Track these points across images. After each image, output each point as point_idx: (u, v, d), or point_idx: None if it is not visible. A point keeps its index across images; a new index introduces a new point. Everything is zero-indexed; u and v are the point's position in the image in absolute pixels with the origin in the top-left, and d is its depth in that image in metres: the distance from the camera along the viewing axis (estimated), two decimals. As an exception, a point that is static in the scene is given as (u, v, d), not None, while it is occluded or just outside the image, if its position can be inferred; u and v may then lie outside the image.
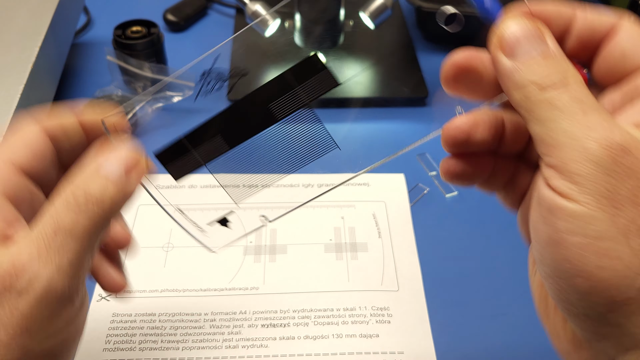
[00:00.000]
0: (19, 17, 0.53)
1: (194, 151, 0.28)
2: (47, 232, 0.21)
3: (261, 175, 0.29)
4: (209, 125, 0.28)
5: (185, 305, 0.41)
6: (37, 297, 0.20)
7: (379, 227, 0.47)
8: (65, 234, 0.21)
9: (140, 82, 0.58)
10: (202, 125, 0.28)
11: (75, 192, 0.22)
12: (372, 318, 0.41)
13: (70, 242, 0.21)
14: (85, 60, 0.66)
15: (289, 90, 0.27)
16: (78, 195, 0.22)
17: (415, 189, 0.48)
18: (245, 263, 0.44)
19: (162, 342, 0.39)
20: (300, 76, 0.26)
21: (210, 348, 0.39)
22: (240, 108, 0.28)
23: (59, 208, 0.22)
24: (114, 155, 0.23)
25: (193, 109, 0.29)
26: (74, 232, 0.21)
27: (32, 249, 0.21)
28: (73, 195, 0.22)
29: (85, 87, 0.62)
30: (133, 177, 0.24)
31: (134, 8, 0.76)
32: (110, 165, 0.23)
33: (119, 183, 0.23)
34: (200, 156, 0.28)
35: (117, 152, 0.24)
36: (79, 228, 0.21)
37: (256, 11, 0.59)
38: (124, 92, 0.58)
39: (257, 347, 0.39)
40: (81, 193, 0.22)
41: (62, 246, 0.21)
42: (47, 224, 0.21)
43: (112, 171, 0.23)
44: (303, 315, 0.41)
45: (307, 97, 0.27)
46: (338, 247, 0.46)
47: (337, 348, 0.39)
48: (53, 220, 0.21)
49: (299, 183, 0.44)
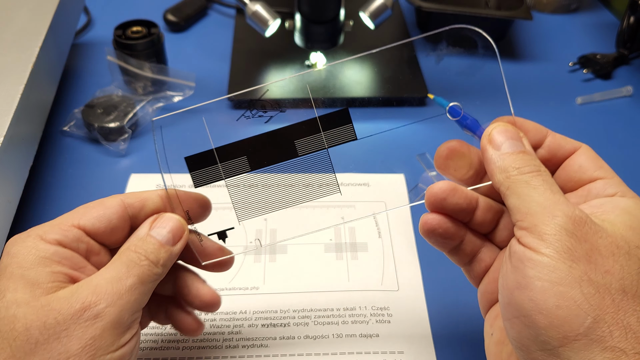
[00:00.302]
0: (19, 17, 0.53)
1: (219, 164, 0.33)
2: (120, 275, 0.28)
3: (268, 201, 0.34)
4: (239, 145, 0.32)
5: (185, 305, 0.41)
6: (109, 321, 0.27)
7: (379, 227, 0.47)
8: (136, 277, 0.29)
9: (141, 82, 0.58)
10: (233, 144, 0.32)
11: (137, 249, 0.30)
12: (372, 318, 0.41)
13: (138, 285, 0.29)
14: (86, 60, 0.66)
15: (316, 133, 0.33)
16: (139, 252, 0.30)
17: (415, 189, 0.48)
18: (246, 263, 0.44)
19: (162, 341, 0.39)
20: (329, 123, 0.33)
21: (211, 348, 0.39)
22: (270, 138, 0.33)
23: (128, 258, 0.29)
24: (167, 225, 0.31)
25: (228, 127, 0.34)
26: (141, 277, 0.29)
27: (110, 284, 0.28)
28: (136, 253, 0.30)
29: (85, 87, 0.62)
30: (179, 243, 0.31)
31: (134, 8, 0.77)
32: (164, 231, 0.31)
33: (166, 246, 0.31)
34: (223, 170, 0.33)
35: (170, 222, 0.31)
36: (144, 276, 0.29)
37: (256, 11, 0.59)
38: (124, 92, 0.58)
39: (257, 346, 0.39)
40: (142, 251, 0.30)
41: (131, 288, 0.28)
42: (121, 268, 0.29)
43: (164, 236, 0.31)
44: (303, 315, 0.41)
45: (328, 142, 0.33)
46: (338, 247, 0.46)
47: (337, 348, 0.39)
48: (126, 266, 0.29)
49: (299, 183, 0.44)
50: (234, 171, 0.33)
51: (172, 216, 0.32)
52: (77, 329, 0.26)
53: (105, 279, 0.28)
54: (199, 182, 0.33)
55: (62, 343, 0.26)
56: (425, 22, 0.71)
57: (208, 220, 0.34)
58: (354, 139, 0.33)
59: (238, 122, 0.34)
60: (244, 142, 0.32)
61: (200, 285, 0.34)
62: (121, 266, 0.29)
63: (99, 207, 0.31)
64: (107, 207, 0.31)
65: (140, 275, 0.29)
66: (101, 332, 0.27)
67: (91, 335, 0.26)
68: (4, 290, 0.27)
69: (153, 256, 0.30)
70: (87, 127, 0.54)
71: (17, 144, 0.44)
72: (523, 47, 0.73)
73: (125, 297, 0.28)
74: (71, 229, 0.30)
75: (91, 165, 0.53)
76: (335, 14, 0.57)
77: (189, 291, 0.33)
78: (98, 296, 0.27)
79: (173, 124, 0.33)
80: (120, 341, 0.28)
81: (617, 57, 0.68)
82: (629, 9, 0.67)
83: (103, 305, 0.27)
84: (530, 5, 0.81)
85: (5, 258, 0.29)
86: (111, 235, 0.31)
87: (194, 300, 0.33)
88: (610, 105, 0.64)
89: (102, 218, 0.31)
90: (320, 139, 0.33)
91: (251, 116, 0.34)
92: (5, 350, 0.26)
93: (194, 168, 0.33)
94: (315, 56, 0.64)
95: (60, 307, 0.27)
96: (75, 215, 0.31)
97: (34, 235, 0.29)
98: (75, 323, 0.26)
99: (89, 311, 0.27)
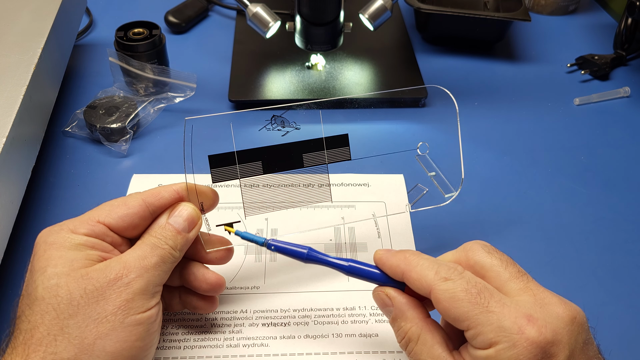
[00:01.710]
0: (22, 19, 0.53)
1: (237, 165, 0.38)
2: (146, 254, 0.33)
3: (273, 201, 0.41)
4: (256, 152, 0.38)
5: (186, 305, 0.41)
6: (138, 288, 0.32)
7: (379, 228, 0.48)
8: (158, 257, 0.33)
9: (142, 83, 0.58)
10: (251, 150, 0.38)
11: (158, 236, 0.34)
12: (371, 318, 0.41)
13: (160, 263, 0.33)
14: (88, 61, 0.67)
15: (319, 150, 0.39)
16: (160, 237, 0.34)
17: (414, 190, 0.49)
18: (246, 262, 0.45)
19: (163, 340, 0.39)
20: (331, 144, 0.40)
21: (212, 347, 0.39)
22: (283, 149, 0.39)
23: (151, 242, 0.34)
24: (184, 214, 0.36)
25: (250, 135, 0.41)
26: (162, 257, 0.34)
27: (137, 260, 0.33)
28: (157, 238, 0.34)
29: (87, 88, 0.62)
30: (193, 230, 0.36)
31: (135, 10, 0.77)
32: (180, 220, 0.35)
33: (183, 233, 0.35)
34: (239, 171, 0.38)
35: (186, 212, 0.36)
36: (165, 257, 0.34)
37: (257, 13, 0.59)
38: (125, 93, 0.58)
39: (257, 346, 0.39)
40: (162, 238, 0.34)
41: (155, 265, 0.33)
42: (146, 249, 0.34)
43: (181, 224, 0.35)
44: (303, 314, 0.41)
45: (328, 158, 0.40)
46: (338, 247, 0.46)
47: (337, 347, 0.39)
48: (150, 248, 0.34)
49: (299, 183, 0.44)
50: (249, 173, 0.38)
51: (188, 205, 0.36)
52: (113, 294, 0.31)
53: (133, 257, 0.33)
54: (217, 178, 0.38)
55: (100, 305, 0.31)
56: (424, 24, 0.71)
57: (215, 216, 0.38)
58: (348, 159, 0.40)
59: (258, 132, 0.42)
60: (261, 149, 0.38)
61: (205, 270, 0.37)
62: (146, 247, 0.34)
63: (123, 206, 0.35)
64: (130, 207, 0.35)
65: (162, 255, 0.34)
66: (132, 296, 0.31)
67: (125, 298, 0.31)
68: (44, 267, 0.31)
69: (172, 242, 0.34)
70: (89, 128, 0.55)
71: (20, 144, 0.44)
72: (521, 49, 0.73)
73: (151, 272, 0.33)
74: (97, 225, 0.34)
75: (93, 165, 0.53)
76: (335, 16, 0.58)
77: (195, 277, 0.37)
78: (128, 269, 0.32)
79: (202, 125, 0.37)
80: (148, 304, 0.32)
81: (614, 58, 0.69)
82: (627, 11, 0.67)
83: (133, 275, 0.32)
84: (529, 6, 0.81)
85: (42, 245, 0.33)
86: (133, 231, 0.35)
87: (201, 284, 0.37)
88: (607, 106, 0.64)
89: (126, 217, 0.35)
90: (323, 155, 0.39)
91: (272, 128, 0.42)
92: (50, 314, 0.30)
93: (215, 165, 0.37)
94: (315, 58, 0.65)
95: (98, 276, 0.31)
96: (101, 212, 0.35)
97: (65, 228, 0.33)
98: (111, 289, 0.31)
99: (121, 280, 0.31)
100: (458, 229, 0.48)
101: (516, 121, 0.61)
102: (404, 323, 0.32)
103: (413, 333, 0.32)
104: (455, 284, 0.30)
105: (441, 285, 0.30)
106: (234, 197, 0.40)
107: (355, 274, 0.35)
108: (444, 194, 0.51)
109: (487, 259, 0.32)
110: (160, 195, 0.36)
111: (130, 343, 0.31)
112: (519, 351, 0.28)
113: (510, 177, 0.54)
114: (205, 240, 0.38)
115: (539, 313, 0.29)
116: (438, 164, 0.47)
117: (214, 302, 0.39)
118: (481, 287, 0.30)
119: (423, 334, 0.31)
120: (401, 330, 0.33)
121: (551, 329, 0.28)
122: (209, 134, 0.36)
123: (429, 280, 0.31)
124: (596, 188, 0.53)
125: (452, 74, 0.68)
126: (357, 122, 0.60)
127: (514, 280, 0.31)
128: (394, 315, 0.33)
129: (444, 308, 0.30)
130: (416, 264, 0.32)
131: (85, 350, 0.30)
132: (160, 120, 0.58)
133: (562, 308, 0.29)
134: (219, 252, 0.38)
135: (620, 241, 0.49)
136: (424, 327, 0.32)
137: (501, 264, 0.32)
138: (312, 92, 0.62)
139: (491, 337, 0.28)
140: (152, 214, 0.36)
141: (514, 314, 0.28)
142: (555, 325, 0.28)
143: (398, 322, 0.33)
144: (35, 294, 0.31)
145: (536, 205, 0.52)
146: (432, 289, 0.31)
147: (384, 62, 0.67)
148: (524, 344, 0.28)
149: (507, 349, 0.28)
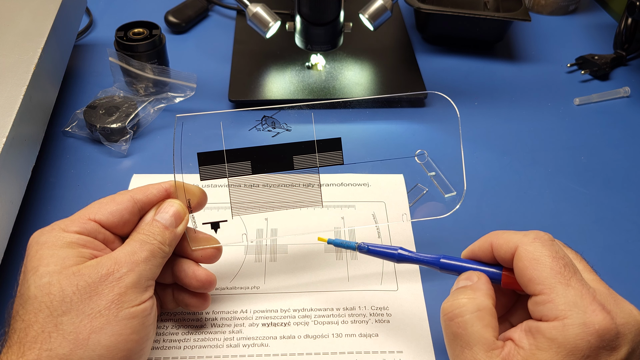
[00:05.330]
0: (22, 19, 0.53)
1: (226, 164, 0.37)
2: (135, 249, 0.34)
3: (261, 202, 0.40)
4: (246, 152, 0.37)
5: (186, 305, 0.41)
6: (130, 281, 0.32)
7: (379, 228, 0.48)
8: (148, 251, 0.34)
9: (142, 83, 0.58)
10: (241, 150, 0.37)
11: (146, 232, 0.35)
12: (371, 318, 0.41)
13: (150, 257, 0.34)
14: (88, 61, 0.67)
15: (311, 152, 0.38)
16: (148, 234, 0.35)
17: (414, 190, 0.49)
18: (246, 262, 0.45)
19: (164, 340, 0.39)
20: (324, 147, 0.38)
21: (212, 347, 0.39)
22: (274, 149, 0.38)
23: (140, 239, 0.34)
24: (170, 210, 0.36)
25: (240, 134, 0.39)
26: (152, 252, 0.34)
27: (127, 256, 0.33)
28: (145, 234, 0.35)
29: (87, 88, 0.62)
30: (180, 226, 0.36)
31: (135, 10, 0.77)
32: (167, 215, 0.36)
33: (170, 228, 0.36)
34: (228, 170, 0.37)
35: (172, 208, 0.36)
36: (155, 251, 0.34)
37: (257, 13, 0.59)
38: (125, 93, 0.58)
39: (257, 346, 0.39)
40: (150, 234, 0.35)
41: (145, 259, 0.33)
42: (135, 245, 0.34)
43: (167, 220, 0.36)
44: (303, 314, 0.41)
45: (320, 162, 0.39)
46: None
47: (337, 347, 0.39)
48: (139, 243, 0.34)
49: (300, 183, 0.44)
50: (237, 172, 0.38)
51: (174, 201, 0.37)
52: (105, 289, 0.31)
53: (123, 252, 0.33)
54: (205, 176, 0.37)
55: (93, 300, 0.31)
56: (424, 24, 0.71)
57: (203, 216, 0.39)
58: (340, 163, 0.39)
59: (250, 132, 0.41)
60: (251, 149, 0.37)
61: (195, 267, 0.37)
62: (135, 244, 0.34)
63: (111, 203, 0.35)
64: (119, 203, 0.35)
65: (152, 250, 0.34)
66: (125, 290, 0.32)
67: (117, 292, 0.32)
68: (36, 266, 0.32)
69: (160, 237, 0.35)
70: (89, 128, 0.55)
71: (20, 144, 0.44)
72: (521, 49, 0.73)
73: (141, 266, 0.33)
74: (89, 222, 0.34)
75: (93, 165, 0.53)
76: (335, 15, 0.58)
77: (185, 274, 0.37)
78: (119, 264, 0.32)
79: (193, 123, 0.37)
80: (141, 298, 0.33)
81: (614, 58, 0.69)
82: (627, 11, 0.67)
83: (125, 270, 0.32)
84: (529, 6, 0.81)
85: (34, 246, 0.33)
86: (123, 227, 0.36)
87: (191, 281, 0.37)
88: (607, 106, 0.64)
89: (115, 213, 0.35)
90: (314, 158, 0.39)
91: (262, 129, 0.41)
92: (43, 311, 0.30)
93: (203, 163, 0.37)
94: (315, 58, 0.65)
95: (89, 272, 0.32)
96: (91, 210, 0.35)
97: (57, 227, 0.34)
98: (103, 284, 0.32)
99: (112, 275, 0.32)
100: (458, 228, 0.48)
101: (516, 121, 0.61)
102: (473, 292, 0.32)
103: (474, 304, 0.31)
104: (544, 248, 0.30)
105: (529, 245, 0.31)
106: (223, 198, 0.40)
107: (448, 269, 0.36)
108: (444, 194, 0.51)
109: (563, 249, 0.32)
110: (148, 192, 0.36)
111: (125, 336, 0.31)
112: (588, 331, 0.28)
113: (510, 177, 0.54)
114: (191, 238, 0.38)
115: (612, 305, 0.29)
116: (438, 164, 0.47)
117: (206, 299, 0.39)
118: (568, 260, 0.30)
119: (483, 311, 0.31)
120: (464, 296, 0.32)
121: (622, 323, 0.28)
122: (203, 132, 0.37)
123: (516, 239, 0.31)
124: (596, 188, 0.53)
125: (452, 74, 0.68)
126: (354, 122, 0.60)
127: (586, 272, 0.31)
128: (467, 286, 0.33)
129: (523, 267, 0.30)
130: (504, 232, 0.33)
131: (81, 345, 0.30)
132: (160, 120, 0.58)
133: (634, 307, 0.30)
134: (205, 251, 0.38)
135: (620, 241, 0.49)
136: (488, 306, 0.31)
137: (576, 256, 0.32)
138: (312, 92, 0.62)
139: (562, 309, 0.28)
140: (140, 211, 0.36)
141: (591, 297, 0.29)
142: (626, 320, 0.29)
143: (467, 291, 0.32)
144: (28, 293, 0.31)
145: (536, 205, 0.52)
146: (519, 245, 0.31)
147: (384, 62, 0.67)
148: (595, 326, 0.28)
149: (576, 326, 0.28)
